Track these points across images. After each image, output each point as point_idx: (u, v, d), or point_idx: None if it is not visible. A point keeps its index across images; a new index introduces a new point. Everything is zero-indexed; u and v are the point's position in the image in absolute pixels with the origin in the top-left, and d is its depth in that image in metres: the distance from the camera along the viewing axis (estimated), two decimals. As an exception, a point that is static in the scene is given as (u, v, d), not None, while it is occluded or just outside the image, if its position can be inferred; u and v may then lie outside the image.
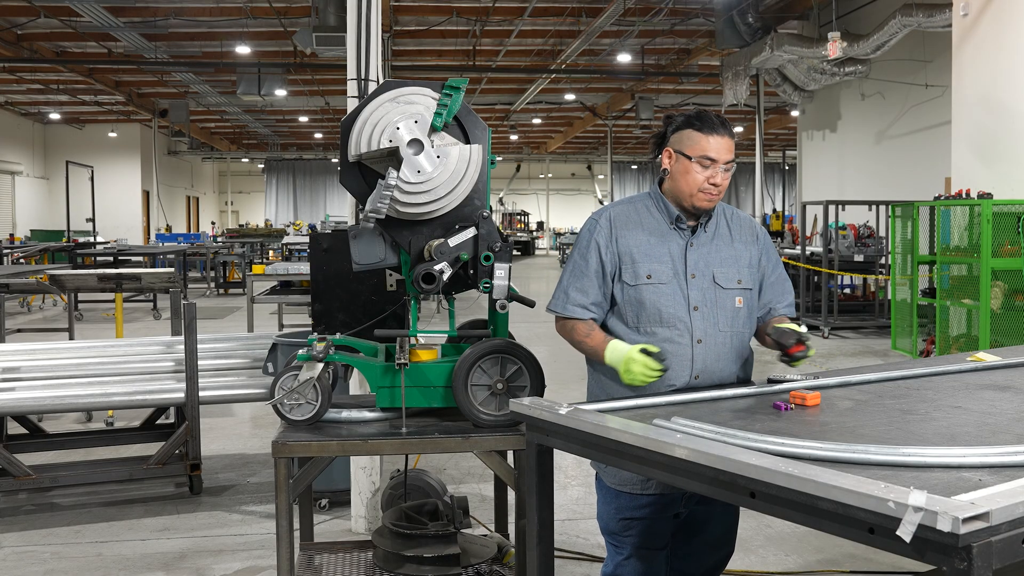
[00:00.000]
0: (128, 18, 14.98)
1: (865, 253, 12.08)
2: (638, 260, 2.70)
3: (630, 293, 2.69)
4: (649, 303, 2.67)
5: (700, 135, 2.66)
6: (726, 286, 2.72)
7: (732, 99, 15.20)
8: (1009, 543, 1.49)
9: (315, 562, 3.84)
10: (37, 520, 4.87)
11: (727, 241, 2.77)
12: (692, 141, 2.67)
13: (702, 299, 2.69)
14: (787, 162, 23.92)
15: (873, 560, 4.11)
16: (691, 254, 2.71)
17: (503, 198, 34.58)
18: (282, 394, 3.15)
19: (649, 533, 2.73)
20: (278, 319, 11.07)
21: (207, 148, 32.20)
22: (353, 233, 3.27)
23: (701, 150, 2.65)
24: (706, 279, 2.70)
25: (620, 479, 2.71)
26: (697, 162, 2.65)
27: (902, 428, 2.13)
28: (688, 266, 2.70)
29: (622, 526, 2.75)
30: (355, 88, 4.59)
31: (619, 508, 2.75)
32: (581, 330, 2.73)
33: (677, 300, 2.67)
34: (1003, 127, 8.53)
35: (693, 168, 2.66)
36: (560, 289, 2.79)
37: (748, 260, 2.78)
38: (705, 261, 2.72)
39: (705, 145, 2.65)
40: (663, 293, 2.67)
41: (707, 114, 2.70)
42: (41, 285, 7.97)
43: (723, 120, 2.69)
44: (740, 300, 2.73)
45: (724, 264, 2.73)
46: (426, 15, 15.31)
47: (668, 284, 2.68)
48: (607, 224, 2.76)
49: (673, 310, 2.67)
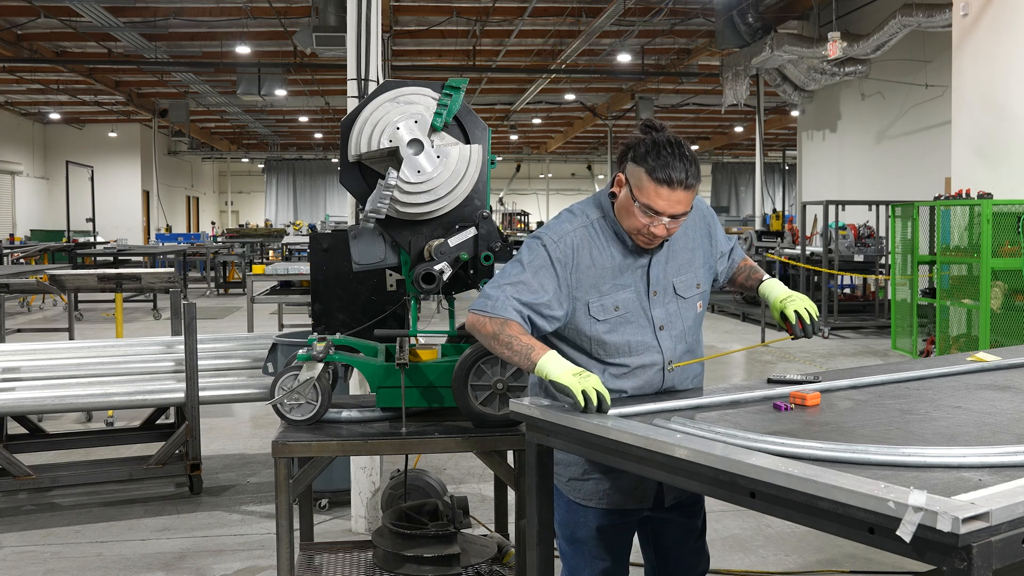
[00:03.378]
0: (128, 18, 14.97)
1: (865, 253, 12.08)
2: (605, 292, 2.48)
3: (598, 328, 2.49)
4: (619, 336, 2.50)
5: (651, 183, 2.34)
6: (687, 295, 2.58)
7: (732, 99, 15.21)
8: (1009, 543, 1.49)
9: (315, 562, 3.84)
10: (37, 520, 4.87)
11: (682, 243, 2.58)
12: (642, 184, 2.36)
13: (665, 316, 2.54)
14: (787, 162, 23.95)
15: (873, 560, 4.11)
16: (653, 269, 2.53)
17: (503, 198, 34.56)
18: (282, 394, 3.15)
19: (610, 545, 2.61)
20: (278, 319, 11.07)
21: (207, 148, 32.18)
22: (353, 233, 3.28)
23: (646, 198, 2.36)
24: (668, 293, 2.55)
25: (583, 493, 2.58)
26: (640, 209, 2.38)
27: (902, 428, 2.12)
28: (650, 283, 2.53)
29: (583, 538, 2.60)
30: (355, 88, 4.60)
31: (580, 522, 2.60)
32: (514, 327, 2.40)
33: (644, 326, 2.52)
34: (1003, 127, 8.53)
35: (636, 211, 2.39)
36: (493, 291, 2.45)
37: (703, 258, 2.63)
38: (664, 273, 2.54)
39: (653, 196, 2.35)
40: (631, 322, 2.50)
41: (668, 159, 2.34)
42: (41, 285, 7.97)
43: (686, 168, 2.35)
44: (700, 305, 2.63)
45: (682, 271, 2.57)
46: (426, 15, 15.30)
47: (634, 311, 2.50)
48: (570, 252, 2.46)
49: (641, 337, 2.51)
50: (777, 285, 2.68)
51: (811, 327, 2.54)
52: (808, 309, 2.55)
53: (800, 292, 2.81)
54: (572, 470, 2.61)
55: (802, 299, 2.58)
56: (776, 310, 2.60)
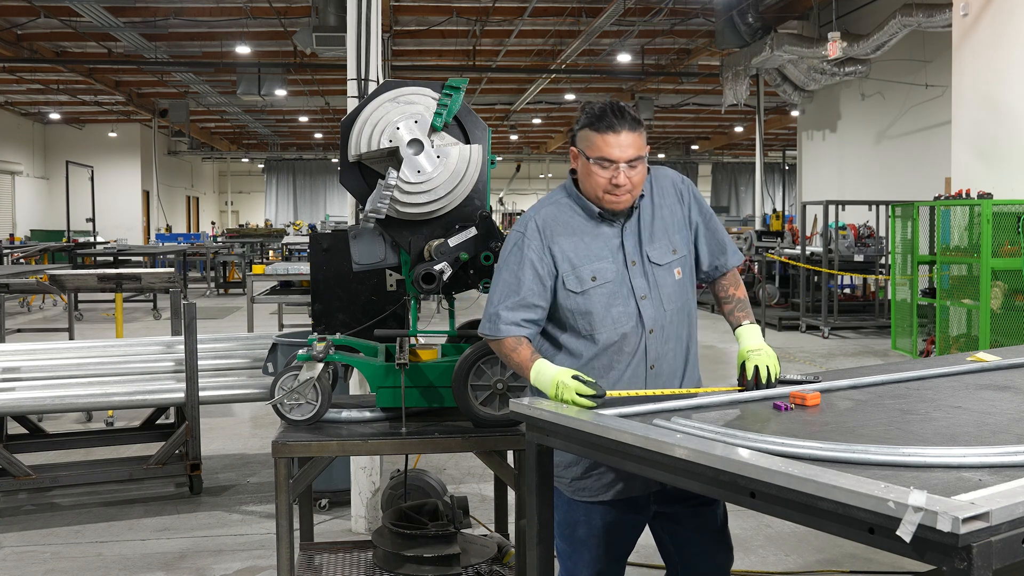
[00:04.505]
0: (128, 18, 14.97)
1: (865, 253, 12.07)
2: (578, 264, 2.55)
3: (578, 301, 2.55)
4: (599, 307, 2.54)
5: (596, 135, 2.47)
6: (662, 262, 2.60)
7: (732, 99, 15.21)
8: (1009, 543, 1.49)
9: (315, 562, 3.84)
10: (37, 520, 4.87)
11: (655, 212, 2.63)
12: (589, 141, 2.49)
13: (645, 285, 2.57)
14: (787, 162, 23.95)
15: (873, 560, 4.11)
16: (627, 240, 2.58)
17: (503, 198, 34.54)
18: (282, 394, 3.15)
19: (610, 543, 2.61)
20: (278, 319, 11.07)
21: (207, 148, 32.17)
22: (353, 233, 3.28)
23: (597, 150, 2.47)
24: (645, 263, 2.58)
25: (589, 492, 2.59)
26: (596, 164, 2.48)
27: (902, 428, 2.12)
28: (627, 254, 2.57)
29: (583, 536, 2.61)
30: (355, 88, 4.60)
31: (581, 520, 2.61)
32: (508, 344, 2.55)
33: (625, 295, 2.55)
34: (1003, 127, 8.53)
35: (594, 170, 2.49)
36: (491, 311, 2.58)
37: (676, 224, 2.64)
38: (638, 243, 2.59)
39: (601, 144, 2.46)
40: (611, 292, 2.55)
41: (606, 110, 2.48)
42: (41, 285, 7.97)
43: (622, 112, 2.47)
44: (679, 271, 2.63)
45: (655, 238, 2.60)
46: (426, 15, 15.30)
47: (614, 281, 2.55)
48: (536, 235, 2.57)
49: (623, 307, 2.55)
50: (752, 334, 2.64)
51: (764, 385, 2.50)
52: (770, 367, 2.52)
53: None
54: (573, 471, 2.61)
55: (769, 356, 2.55)
56: (740, 358, 2.59)
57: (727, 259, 2.75)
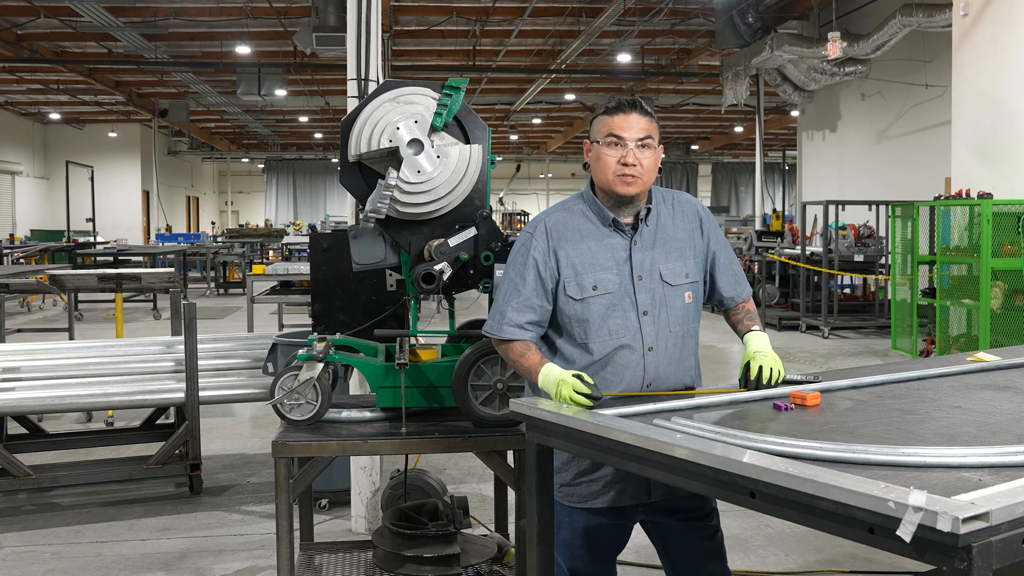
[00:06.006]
0: (128, 18, 14.97)
1: (865, 253, 12.07)
2: (581, 271, 2.56)
3: (576, 308, 2.55)
4: (597, 316, 2.54)
5: (606, 117, 2.56)
6: (674, 283, 2.60)
7: (732, 99, 15.21)
8: (1009, 543, 1.49)
9: (315, 562, 3.84)
10: (37, 520, 4.87)
11: (671, 232, 2.63)
12: (599, 125, 2.57)
13: (651, 301, 2.57)
14: (787, 162, 23.94)
15: (873, 560, 4.11)
16: (636, 254, 2.58)
17: (503, 198, 34.54)
18: (282, 394, 3.15)
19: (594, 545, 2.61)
20: (278, 319, 11.07)
21: (207, 148, 32.17)
22: (353, 233, 3.28)
23: (606, 130, 2.54)
24: (653, 278, 2.58)
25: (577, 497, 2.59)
26: (605, 144, 2.54)
27: (902, 428, 2.12)
28: (634, 267, 2.57)
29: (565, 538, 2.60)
30: (355, 88, 4.60)
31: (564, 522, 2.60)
32: (517, 349, 2.57)
33: (626, 308, 2.55)
34: (1003, 127, 8.53)
35: (604, 152, 2.54)
36: (496, 310, 2.62)
37: (694, 250, 2.66)
38: (651, 259, 2.58)
39: (611, 124, 2.54)
40: (610, 304, 2.54)
41: (620, 100, 2.58)
42: (41, 285, 7.97)
43: (635, 101, 2.56)
44: (689, 295, 2.63)
45: (670, 259, 2.60)
46: (426, 15, 15.30)
47: (615, 292, 2.55)
48: (543, 237, 2.60)
49: (622, 320, 2.54)
50: (760, 338, 2.64)
51: (765, 385, 2.48)
52: (773, 369, 2.51)
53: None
54: (563, 476, 2.61)
55: (774, 360, 2.54)
56: (746, 358, 2.58)
57: (743, 289, 2.77)
